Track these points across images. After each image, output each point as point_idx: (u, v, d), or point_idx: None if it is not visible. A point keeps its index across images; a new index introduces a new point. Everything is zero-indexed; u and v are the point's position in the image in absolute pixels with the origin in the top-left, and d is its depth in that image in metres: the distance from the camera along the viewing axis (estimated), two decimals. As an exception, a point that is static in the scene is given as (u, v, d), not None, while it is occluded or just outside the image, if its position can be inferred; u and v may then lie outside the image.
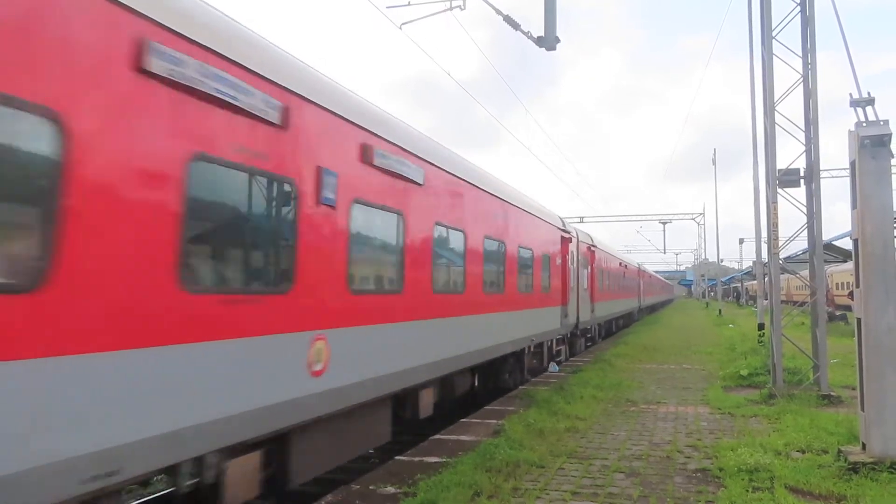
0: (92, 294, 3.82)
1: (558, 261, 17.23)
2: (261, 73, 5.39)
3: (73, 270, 3.70)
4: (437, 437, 9.07)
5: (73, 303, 3.70)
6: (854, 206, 7.27)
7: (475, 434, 9.06)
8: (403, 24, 12.43)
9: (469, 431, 9.28)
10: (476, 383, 12.04)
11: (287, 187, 5.74)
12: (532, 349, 14.76)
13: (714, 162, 49.62)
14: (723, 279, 79.06)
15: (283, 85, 5.66)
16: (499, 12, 11.83)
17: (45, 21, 3.63)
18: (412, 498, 6.20)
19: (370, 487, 6.68)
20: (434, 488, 6.37)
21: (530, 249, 14.22)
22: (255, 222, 5.63)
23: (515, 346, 13.02)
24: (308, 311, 5.88)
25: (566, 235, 18.52)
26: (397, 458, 7.93)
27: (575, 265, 19.61)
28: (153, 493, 6.65)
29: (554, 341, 17.23)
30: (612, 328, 31.75)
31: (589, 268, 22.64)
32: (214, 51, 4.88)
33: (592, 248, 23.39)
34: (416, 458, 7.85)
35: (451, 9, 12.14)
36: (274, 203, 5.72)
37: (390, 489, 6.62)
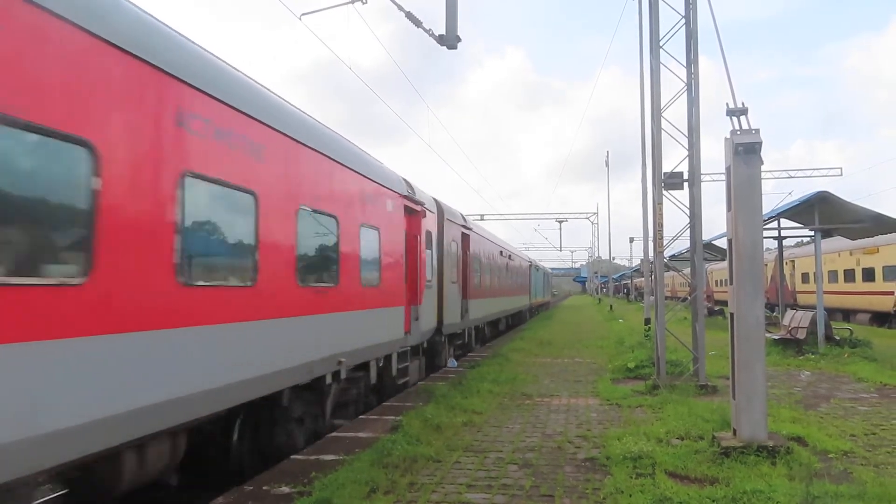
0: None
1: (401, 242, 12.37)
2: None
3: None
4: (334, 434, 8.97)
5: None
6: (729, 209, 7.79)
7: (373, 430, 9.03)
8: (304, 14, 12.19)
9: (367, 428, 9.25)
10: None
11: None
12: (343, 376, 9.49)
13: (607, 164, 51.84)
14: (614, 276, 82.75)
15: None
16: (401, 8, 11.81)
17: None
18: (307, 497, 6.09)
19: (263, 488, 6.52)
20: (329, 486, 6.30)
21: (333, 217, 9.11)
22: None
23: (292, 378, 7.78)
24: None
25: (416, 208, 13.15)
26: (293, 456, 7.77)
27: (436, 252, 15.16)
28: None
29: (396, 357, 12.08)
30: (498, 330, 28.18)
31: (460, 257, 17.94)
32: None
33: (466, 232, 18.61)
34: (313, 457, 7.73)
35: (352, 1, 12.01)
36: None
37: (285, 489, 6.49)
